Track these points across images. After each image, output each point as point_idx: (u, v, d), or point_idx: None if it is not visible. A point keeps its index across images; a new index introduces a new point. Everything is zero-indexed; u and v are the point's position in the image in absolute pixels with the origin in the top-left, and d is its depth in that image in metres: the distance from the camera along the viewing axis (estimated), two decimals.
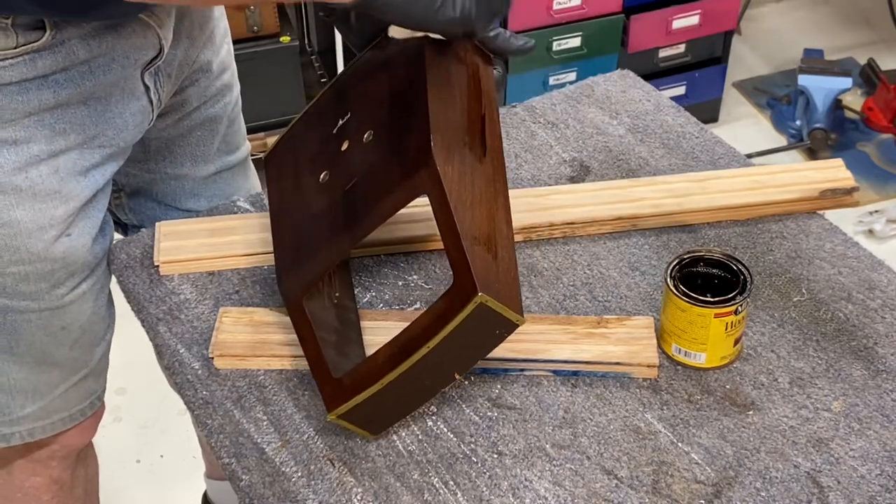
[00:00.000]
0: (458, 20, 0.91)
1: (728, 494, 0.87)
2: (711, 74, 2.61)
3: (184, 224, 1.13)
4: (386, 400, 0.89)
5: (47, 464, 1.23)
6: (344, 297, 1.03)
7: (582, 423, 0.93)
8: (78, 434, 1.22)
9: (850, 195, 1.13)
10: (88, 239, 1.07)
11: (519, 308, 0.86)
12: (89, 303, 1.10)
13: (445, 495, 0.88)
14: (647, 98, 1.30)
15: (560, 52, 2.39)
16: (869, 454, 0.90)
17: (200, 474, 1.67)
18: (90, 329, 1.13)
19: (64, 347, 1.11)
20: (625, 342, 0.98)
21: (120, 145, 1.07)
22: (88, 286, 1.09)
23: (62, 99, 0.98)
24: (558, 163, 1.21)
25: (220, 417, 0.96)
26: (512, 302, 0.86)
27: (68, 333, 1.10)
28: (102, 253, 1.10)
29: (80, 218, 1.05)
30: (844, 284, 1.05)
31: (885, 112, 2.67)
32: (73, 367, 1.14)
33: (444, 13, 0.89)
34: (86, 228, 1.06)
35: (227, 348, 0.99)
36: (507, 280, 0.87)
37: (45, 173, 1.00)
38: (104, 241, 1.11)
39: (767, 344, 0.99)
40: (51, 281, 1.05)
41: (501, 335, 0.87)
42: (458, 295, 0.83)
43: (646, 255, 1.09)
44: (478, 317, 0.83)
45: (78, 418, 1.19)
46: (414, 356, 0.85)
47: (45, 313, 1.07)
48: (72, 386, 1.15)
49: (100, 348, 1.16)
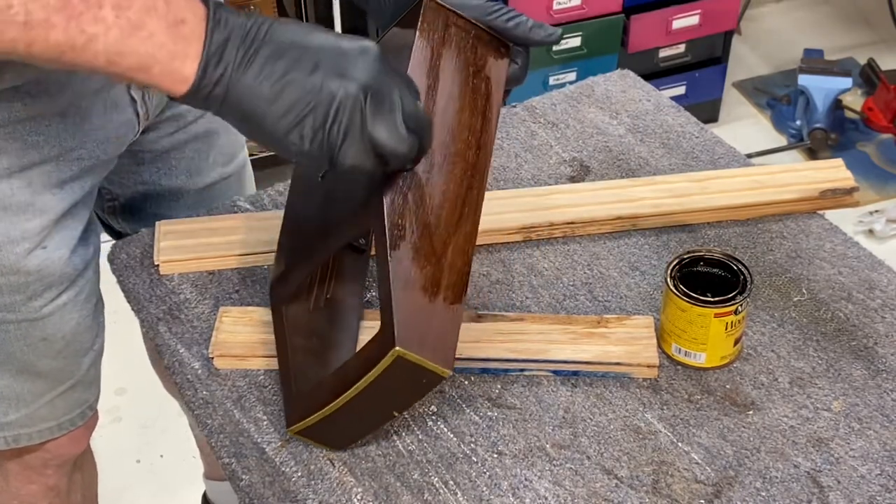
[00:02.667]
0: (309, 154, 0.79)
1: (728, 494, 0.87)
2: (711, 74, 2.61)
3: (184, 224, 1.13)
4: (338, 423, 0.88)
5: (42, 471, 1.21)
6: (346, 294, 1.03)
7: (582, 423, 0.93)
8: (69, 443, 1.19)
9: (850, 195, 1.13)
10: (66, 251, 1.03)
11: (448, 359, 0.82)
12: (72, 314, 1.08)
13: (445, 495, 0.88)
14: (647, 98, 1.30)
15: (560, 52, 2.39)
16: (869, 454, 0.90)
17: (200, 474, 1.67)
18: (75, 340, 1.10)
19: (47, 358, 1.09)
20: (625, 342, 0.98)
21: (100, 158, 1.04)
22: (70, 297, 1.06)
23: (35, 111, 0.95)
24: (558, 162, 1.21)
25: (220, 417, 0.95)
26: (439, 353, 0.82)
27: (51, 344, 1.08)
28: (84, 264, 1.07)
29: (56, 230, 1.02)
30: (844, 284, 1.05)
31: (885, 112, 2.67)
32: (58, 377, 1.11)
33: (291, 138, 0.78)
34: (63, 241, 1.03)
35: (226, 348, 0.99)
36: (443, 327, 0.83)
37: (16, 186, 0.97)
38: (86, 251, 1.08)
39: (767, 344, 0.99)
40: (26, 293, 1.02)
41: (429, 385, 0.84)
42: (381, 343, 0.81)
43: (646, 255, 1.09)
44: (398, 367, 0.81)
45: (67, 427, 1.16)
46: (347, 394, 0.84)
47: (24, 324, 1.04)
48: (58, 395, 1.13)
49: (87, 358, 1.13)
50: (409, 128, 0.80)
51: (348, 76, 0.78)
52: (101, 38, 0.74)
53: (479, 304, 1.04)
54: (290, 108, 0.77)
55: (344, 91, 0.77)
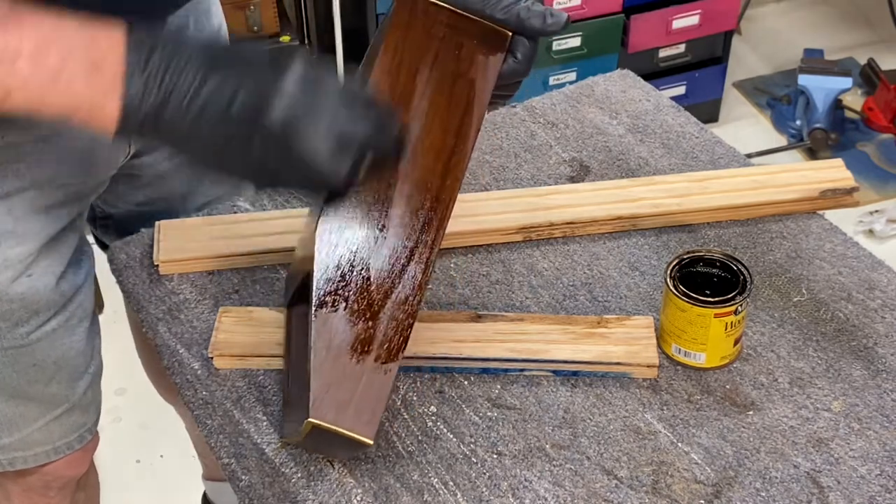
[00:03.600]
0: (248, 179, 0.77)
1: (728, 494, 0.87)
2: (711, 74, 2.61)
3: (184, 224, 1.13)
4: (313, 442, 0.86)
5: (45, 493, 1.19)
6: None
7: (582, 423, 0.93)
8: (68, 466, 1.17)
9: (850, 195, 1.13)
10: (52, 278, 1.02)
11: (370, 424, 0.80)
12: (62, 339, 1.06)
13: (445, 496, 0.88)
14: (647, 98, 1.30)
15: (560, 52, 2.39)
16: (869, 454, 0.90)
17: (200, 474, 1.67)
18: (67, 365, 1.08)
19: (38, 384, 1.07)
20: (625, 342, 0.98)
21: (87, 183, 1.03)
22: (59, 323, 1.05)
23: (15, 138, 0.94)
24: (558, 163, 1.21)
25: (219, 418, 0.95)
26: (361, 420, 0.80)
27: (42, 370, 1.06)
28: (73, 289, 1.05)
29: (42, 257, 1.00)
30: (844, 284, 1.05)
31: (885, 112, 2.67)
32: (52, 402, 1.10)
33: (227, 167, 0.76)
34: (49, 268, 1.01)
35: (226, 348, 0.99)
36: (368, 392, 0.81)
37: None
38: (76, 277, 1.06)
39: (767, 344, 0.99)
40: (11, 320, 1.01)
41: (351, 449, 0.83)
42: (304, 408, 0.80)
43: (646, 255, 1.09)
44: (318, 433, 0.80)
45: (63, 451, 1.14)
46: (301, 431, 0.83)
47: (10, 351, 1.03)
48: (53, 420, 1.11)
49: (83, 382, 1.11)
50: (340, 146, 0.75)
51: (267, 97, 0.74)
52: (19, 91, 0.72)
53: (479, 304, 1.04)
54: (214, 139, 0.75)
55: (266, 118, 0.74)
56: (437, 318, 1.00)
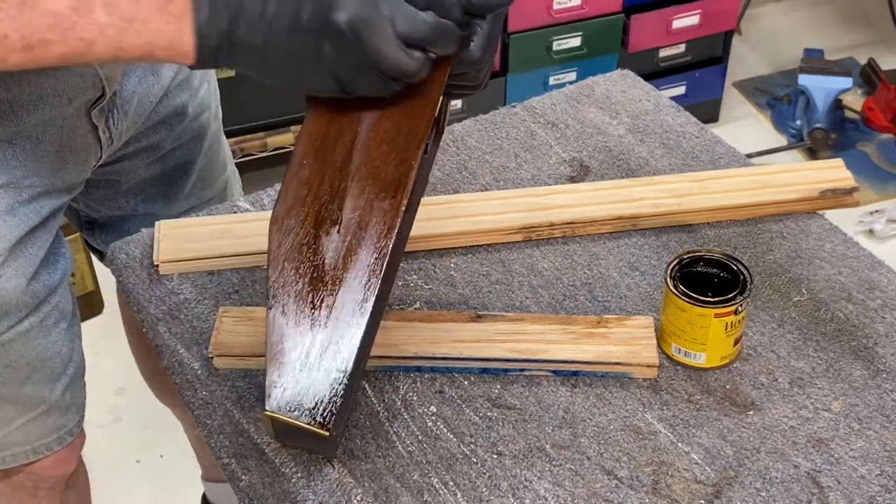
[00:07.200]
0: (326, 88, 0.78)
1: (728, 494, 0.87)
2: (711, 74, 2.61)
3: (183, 224, 1.13)
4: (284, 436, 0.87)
5: (34, 493, 1.19)
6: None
7: (582, 423, 0.93)
8: (55, 465, 1.16)
9: (850, 195, 1.13)
10: (23, 280, 1.00)
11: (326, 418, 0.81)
12: (37, 340, 1.05)
13: (445, 496, 0.88)
14: (647, 98, 1.30)
15: (560, 52, 2.39)
16: (869, 454, 0.90)
17: (200, 475, 1.67)
18: (43, 366, 1.07)
19: (12, 385, 1.06)
20: (625, 342, 0.98)
21: (57, 185, 1.02)
22: (33, 323, 1.03)
23: None
24: (558, 163, 1.21)
25: (219, 418, 0.95)
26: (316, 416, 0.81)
27: (15, 371, 1.05)
28: (47, 290, 1.04)
29: (11, 258, 0.99)
30: (844, 284, 1.05)
31: (885, 112, 2.67)
32: (28, 403, 1.09)
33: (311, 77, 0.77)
34: (20, 269, 1.00)
35: (226, 348, 0.99)
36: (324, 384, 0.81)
37: None
38: (50, 277, 1.05)
39: (767, 344, 0.99)
40: None
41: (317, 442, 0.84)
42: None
43: (646, 255, 1.09)
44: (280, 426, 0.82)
45: (42, 452, 1.13)
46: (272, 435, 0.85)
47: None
48: (30, 421, 1.10)
49: (60, 383, 1.10)
50: (408, 39, 0.77)
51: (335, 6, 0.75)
52: (100, 40, 0.75)
53: (479, 304, 1.04)
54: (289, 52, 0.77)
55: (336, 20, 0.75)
56: (437, 318, 1.01)
